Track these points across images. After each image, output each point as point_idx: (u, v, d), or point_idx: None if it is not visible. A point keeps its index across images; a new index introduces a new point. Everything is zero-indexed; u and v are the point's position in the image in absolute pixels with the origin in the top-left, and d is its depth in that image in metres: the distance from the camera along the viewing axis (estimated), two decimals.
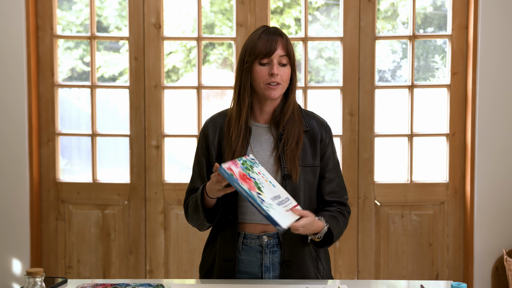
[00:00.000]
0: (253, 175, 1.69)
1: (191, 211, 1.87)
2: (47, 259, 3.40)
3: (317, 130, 1.89)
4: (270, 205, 1.63)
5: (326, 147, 1.89)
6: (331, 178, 1.90)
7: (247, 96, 1.83)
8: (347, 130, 3.30)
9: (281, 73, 1.81)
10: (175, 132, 3.41)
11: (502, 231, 3.24)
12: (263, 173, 1.73)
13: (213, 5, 5.01)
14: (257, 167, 1.73)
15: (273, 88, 1.80)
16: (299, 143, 1.84)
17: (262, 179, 1.70)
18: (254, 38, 1.83)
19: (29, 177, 3.29)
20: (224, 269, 1.85)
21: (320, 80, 4.75)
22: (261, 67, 1.81)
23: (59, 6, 3.83)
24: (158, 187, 3.34)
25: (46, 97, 3.35)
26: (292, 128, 1.84)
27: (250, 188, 1.62)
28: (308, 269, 1.86)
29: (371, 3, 3.27)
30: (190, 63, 5.13)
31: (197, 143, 1.96)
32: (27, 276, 1.50)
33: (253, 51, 1.81)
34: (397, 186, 3.33)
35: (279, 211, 1.63)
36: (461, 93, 3.29)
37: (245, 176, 1.65)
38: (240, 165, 1.68)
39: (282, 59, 1.81)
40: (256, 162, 1.76)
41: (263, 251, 1.84)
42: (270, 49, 1.79)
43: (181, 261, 3.36)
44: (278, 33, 1.83)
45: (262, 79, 1.80)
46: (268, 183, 1.71)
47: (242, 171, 1.66)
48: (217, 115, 1.95)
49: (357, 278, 3.35)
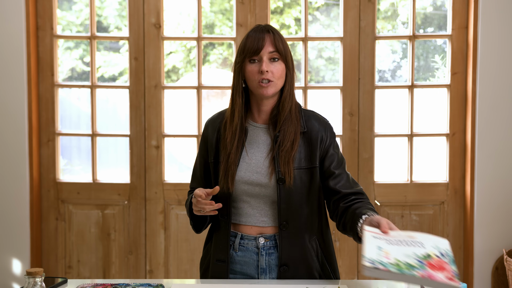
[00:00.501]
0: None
1: (187, 212, 1.92)
2: (47, 259, 3.40)
3: (317, 129, 1.85)
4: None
5: (328, 145, 1.85)
6: (339, 174, 1.84)
7: (239, 96, 1.82)
8: (347, 130, 3.30)
9: (272, 70, 1.78)
10: (175, 132, 3.41)
11: (502, 231, 3.24)
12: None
13: (213, 5, 5.01)
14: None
15: (265, 86, 1.77)
16: (294, 145, 1.80)
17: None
18: (244, 38, 1.82)
19: (29, 177, 3.29)
20: (217, 270, 1.85)
21: (320, 80, 4.75)
22: (251, 65, 1.79)
23: (59, 6, 3.83)
24: (158, 187, 3.34)
25: (46, 97, 3.35)
26: (288, 129, 1.81)
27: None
28: (309, 270, 1.83)
29: (371, 3, 3.27)
30: (190, 63, 5.13)
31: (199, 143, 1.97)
32: (27, 276, 1.50)
33: (242, 50, 1.80)
34: (397, 186, 3.33)
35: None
36: (461, 93, 3.29)
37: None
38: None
39: (273, 55, 1.79)
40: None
41: (259, 252, 1.82)
42: (257, 46, 1.78)
43: (181, 261, 3.36)
44: (266, 29, 1.81)
45: (253, 77, 1.78)
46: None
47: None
48: (217, 115, 1.94)
49: (357, 278, 3.35)
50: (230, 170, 1.80)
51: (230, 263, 1.84)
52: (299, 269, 1.82)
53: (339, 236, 3.33)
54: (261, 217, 1.82)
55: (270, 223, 1.82)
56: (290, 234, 1.81)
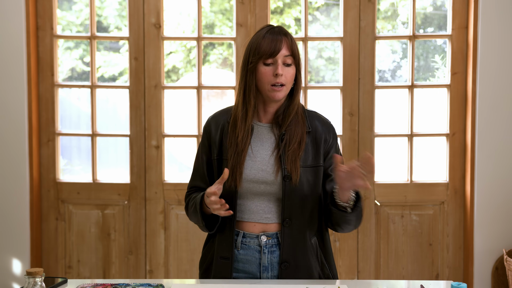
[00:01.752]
0: None
1: (191, 212, 1.89)
2: (47, 259, 3.40)
3: (321, 130, 1.88)
4: None
5: (330, 147, 1.88)
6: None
7: (253, 96, 1.82)
8: (347, 130, 3.30)
9: (286, 74, 1.79)
10: (175, 132, 3.42)
11: (502, 231, 3.24)
12: None
13: (213, 5, 5.01)
14: None
15: (278, 90, 1.78)
16: (301, 145, 1.82)
17: None
18: (258, 38, 1.81)
19: (29, 177, 3.29)
20: (221, 267, 1.85)
21: (320, 80, 4.75)
22: (266, 67, 1.79)
23: (59, 6, 3.83)
24: (158, 187, 3.34)
25: (46, 97, 3.35)
26: (295, 130, 1.83)
27: None
28: (309, 268, 1.84)
29: (371, 3, 3.27)
30: (190, 63, 5.13)
31: (201, 140, 1.95)
32: (27, 276, 1.50)
33: (258, 51, 1.79)
34: (397, 186, 3.33)
35: None
36: (461, 93, 3.29)
37: None
38: None
39: (287, 59, 1.79)
40: None
41: (262, 251, 1.83)
42: (274, 49, 1.77)
43: (181, 261, 3.36)
44: (283, 32, 1.81)
45: (267, 79, 1.78)
46: None
47: None
48: (220, 112, 1.94)
49: (357, 278, 3.35)
50: (238, 167, 1.81)
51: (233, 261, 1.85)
52: (299, 267, 1.83)
53: (339, 236, 3.33)
54: (265, 214, 1.83)
55: (274, 220, 1.83)
56: (292, 231, 1.82)
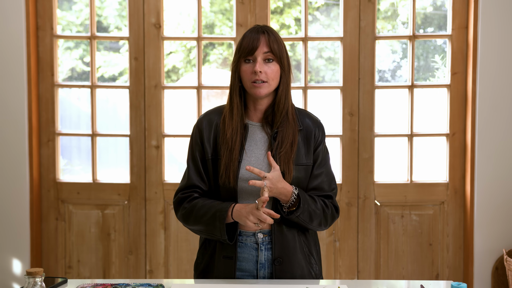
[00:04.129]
0: None
1: (203, 221, 1.82)
2: (47, 259, 3.40)
3: (311, 128, 1.91)
4: None
5: (319, 144, 1.91)
6: (316, 174, 1.90)
7: (236, 95, 1.86)
8: (347, 130, 3.30)
9: (266, 70, 1.81)
10: (175, 132, 3.42)
11: (502, 231, 3.24)
12: None
13: (213, 5, 5.01)
14: None
15: (258, 86, 1.81)
16: (293, 146, 1.85)
17: None
18: (241, 38, 1.87)
19: (29, 177, 3.29)
20: (224, 266, 1.85)
21: (320, 80, 4.75)
22: (246, 65, 1.83)
23: (59, 6, 3.83)
24: (158, 187, 3.34)
25: (46, 97, 3.35)
26: (286, 131, 1.85)
27: None
28: (300, 264, 1.87)
29: (371, 3, 3.27)
30: (190, 63, 5.13)
31: (191, 138, 1.93)
32: (27, 276, 1.50)
33: (238, 50, 1.85)
34: (397, 186, 3.33)
35: None
36: (461, 93, 3.29)
37: None
38: None
39: (267, 56, 1.82)
40: None
41: (259, 248, 1.85)
42: (252, 46, 1.81)
43: (181, 261, 3.36)
44: (262, 30, 1.84)
45: (248, 77, 1.82)
46: None
47: None
48: (212, 111, 1.95)
49: (357, 278, 3.35)
50: (232, 166, 1.82)
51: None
52: (291, 264, 1.85)
53: (339, 236, 3.33)
54: None
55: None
56: (284, 228, 1.85)
